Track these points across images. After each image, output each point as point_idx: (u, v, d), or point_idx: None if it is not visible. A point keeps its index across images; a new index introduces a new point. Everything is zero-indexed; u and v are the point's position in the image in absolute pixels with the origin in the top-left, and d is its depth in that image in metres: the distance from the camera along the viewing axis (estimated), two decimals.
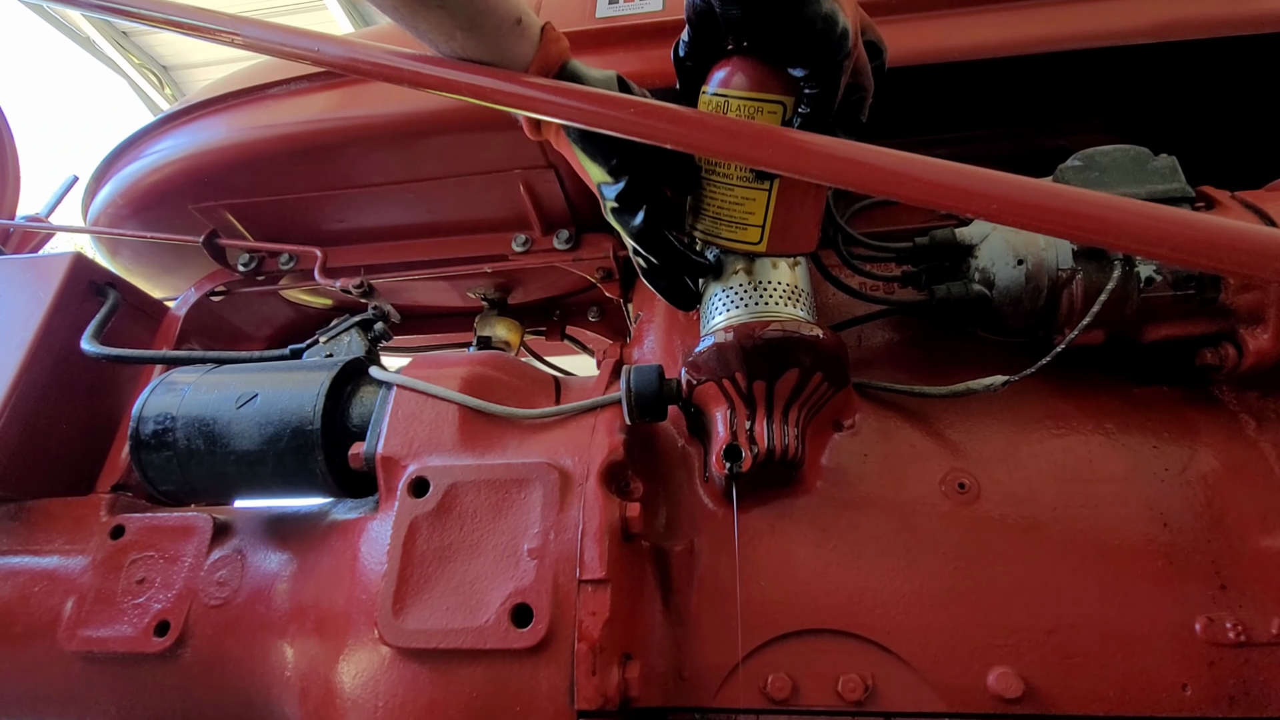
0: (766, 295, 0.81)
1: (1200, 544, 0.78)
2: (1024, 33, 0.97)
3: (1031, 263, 0.85)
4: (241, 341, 1.55)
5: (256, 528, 0.95)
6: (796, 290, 0.82)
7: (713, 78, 0.74)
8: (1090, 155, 0.87)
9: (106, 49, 5.91)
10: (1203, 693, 0.71)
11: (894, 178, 0.58)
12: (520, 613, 0.73)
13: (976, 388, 0.85)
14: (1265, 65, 1.00)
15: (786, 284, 0.82)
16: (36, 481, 1.05)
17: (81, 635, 0.88)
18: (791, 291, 0.82)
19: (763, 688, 0.74)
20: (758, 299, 0.81)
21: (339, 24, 5.47)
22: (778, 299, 0.81)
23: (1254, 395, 0.86)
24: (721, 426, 0.80)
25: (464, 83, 0.69)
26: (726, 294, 0.82)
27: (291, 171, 1.19)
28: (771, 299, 0.81)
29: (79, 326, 1.09)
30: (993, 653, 0.74)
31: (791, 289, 0.82)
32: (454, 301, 1.58)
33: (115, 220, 1.32)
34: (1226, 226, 0.52)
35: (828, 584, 0.79)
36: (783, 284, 0.81)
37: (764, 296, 0.81)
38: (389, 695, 0.73)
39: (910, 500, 0.83)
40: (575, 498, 0.78)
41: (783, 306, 0.80)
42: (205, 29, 0.77)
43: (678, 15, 1.06)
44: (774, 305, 0.80)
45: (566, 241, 1.24)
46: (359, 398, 0.93)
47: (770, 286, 0.81)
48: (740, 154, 0.64)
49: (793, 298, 0.81)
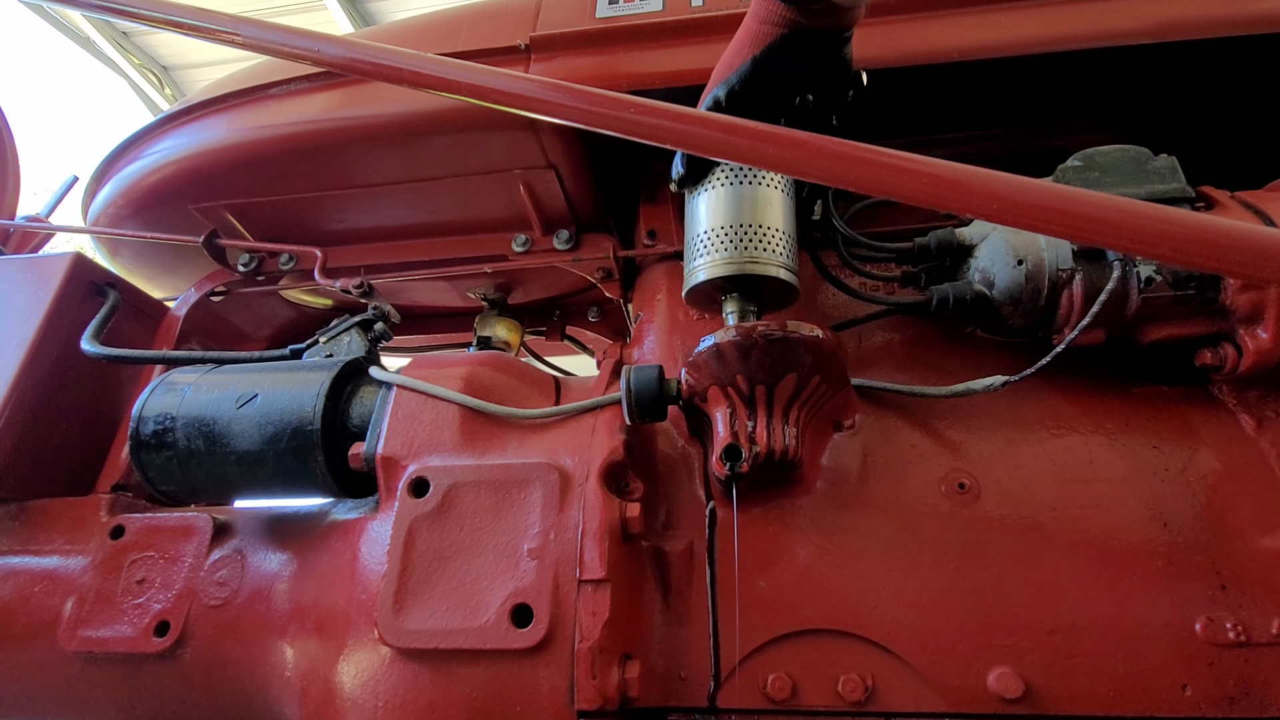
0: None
1: (1200, 544, 0.78)
2: (1024, 33, 0.97)
3: (1031, 263, 0.85)
4: (241, 341, 1.55)
5: (256, 528, 0.95)
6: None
7: None
8: (1090, 155, 0.87)
9: (106, 49, 5.90)
10: (1203, 693, 0.71)
11: (894, 177, 0.58)
12: (520, 613, 0.73)
13: (976, 388, 0.85)
14: (1265, 65, 1.00)
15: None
16: (36, 481, 1.05)
17: (81, 635, 0.88)
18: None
19: (763, 688, 0.74)
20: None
21: (339, 24, 5.47)
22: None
23: (1254, 395, 0.86)
24: (722, 426, 0.80)
25: (464, 83, 0.69)
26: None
27: (291, 171, 1.19)
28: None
29: (79, 326, 1.09)
30: (993, 653, 0.74)
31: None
32: (454, 301, 1.58)
33: (115, 220, 1.32)
34: (1226, 226, 0.52)
35: (828, 584, 0.79)
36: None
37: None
38: (389, 695, 0.73)
39: (910, 500, 0.83)
40: (575, 498, 0.78)
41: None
42: (205, 29, 0.77)
43: (678, 15, 1.06)
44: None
45: (566, 241, 1.24)
46: (359, 398, 0.93)
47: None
48: (741, 153, 0.64)
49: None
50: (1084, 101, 1.11)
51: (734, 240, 0.84)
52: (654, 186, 1.23)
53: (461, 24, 1.17)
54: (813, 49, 0.73)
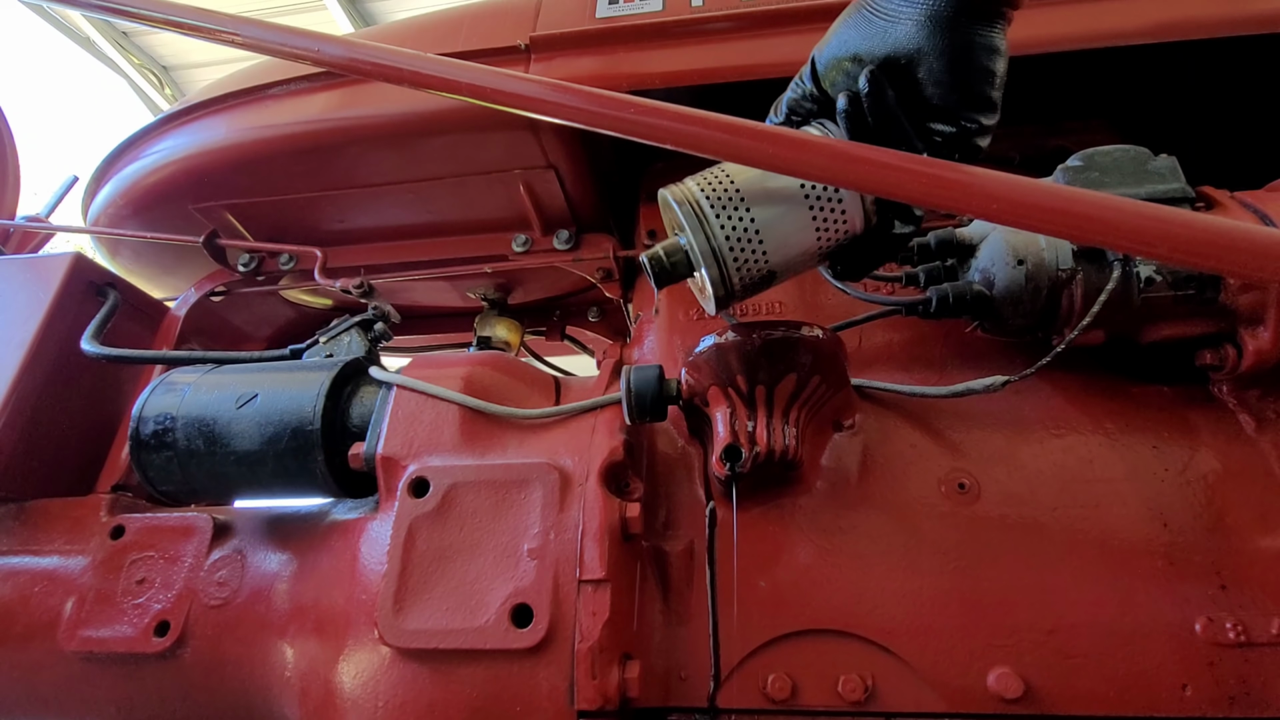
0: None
1: (1200, 544, 0.78)
2: (1024, 33, 0.96)
3: (1031, 263, 0.85)
4: (241, 341, 1.55)
5: (256, 528, 0.95)
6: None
7: None
8: (1090, 155, 0.87)
9: (106, 49, 5.90)
10: (1203, 693, 0.71)
11: (894, 177, 0.58)
12: (520, 613, 0.73)
13: (976, 388, 0.85)
14: (1265, 65, 1.00)
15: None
16: (36, 481, 1.05)
17: (81, 635, 0.88)
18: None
19: (763, 688, 0.74)
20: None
21: (339, 24, 5.47)
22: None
23: (1254, 395, 0.86)
24: (722, 427, 0.80)
25: (464, 83, 0.69)
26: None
27: (291, 172, 1.19)
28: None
29: (79, 326, 1.09)
30: (993, 653, 0.74)
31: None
32: (454, 301, 1.58)
33: (115, 220, 1.32)
34: (1226, 226, 0.52)
35: (828, 584, 0.79)
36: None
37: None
38: (389, 695, 0.73)
39: (910, 500, 0.83)
40: (575, 498, 0.78)
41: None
42: (205, 29, 0.77)
43: (678, 15, 1.06)
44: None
45: (566, 242, 1.24)
46: (359, 398, 0.93)
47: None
48: (741, 153, 0.64)
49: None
50: (1084, 101, 1.11)
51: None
52: (654, 186, 1.23)
53: (461, 24, 1.17)
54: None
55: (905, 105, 0.64)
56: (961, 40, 0.60)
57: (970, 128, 0.64)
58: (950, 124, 0.64)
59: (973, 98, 0.62)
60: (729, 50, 1.04)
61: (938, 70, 0.61)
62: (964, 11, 0.59)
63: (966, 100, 0.63)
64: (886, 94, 0.63)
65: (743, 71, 1.02)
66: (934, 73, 0.62)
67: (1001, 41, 0.61)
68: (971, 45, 0.60)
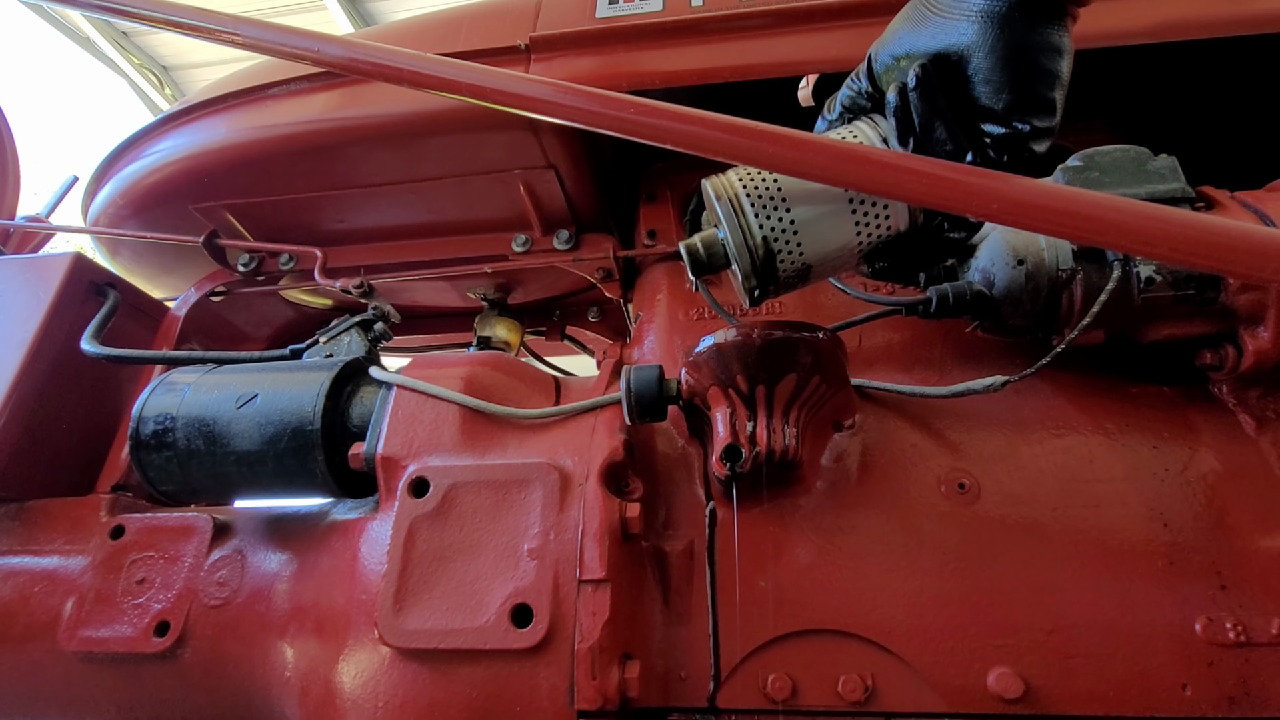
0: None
1: (1200, 544, 0.77)
2: None
3: (1031, 263, 0.85)
4: (241, 341, 1.55)
5: (256, 528, 0.95)
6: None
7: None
8: (1090, 155, 0.87)
9: (106, 49, 5.90)
10: (1203, 693, 0.71)
11: (894, 177, 0.58)
12: (520, 613, 0.73)
13: (976, 388, 0.85)
14: (1265, 65, 1.00)
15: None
16: (36, 481, 1.05)
17: (81, 635, 0.88)
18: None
19: (763, 688, 0.74)
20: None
21: (339, 24, 5.47)
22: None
23: (1254, 395, 0.86)
24: (722, 427, 0.80)
25: (464, 83, 0.69)
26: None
27: (291, 171, 1.19)
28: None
29: (79, 326, 1.09)
30: (993, 653, 0.74)
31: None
32: (454, 301, 1.58)
33: (115, 220, 1.32)
34: (1226, 226, 0.52)
35: (828, 584, 0.79)
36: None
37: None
38: (389, 695, 0.73)
39: (910, 500, 0.83)
40: (575, 498, 0.78)
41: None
42: (205, 29, 0.77)
43: (678, 15, 1.06)
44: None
45: (566, 241, 1.24)
46: (359, 398, 0.93)
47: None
48: (741, 153, 0.64)
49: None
50: (1084, 101, 1.11)
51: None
52: (654, 186, 1.24)
53: (461, 24, 1.17)
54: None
55: (955, 104, 0.61)
56: (1017, 38, 0.58)
57: (1022, 130, 0.61)
58: (1001, 125, 0.61)
59: (1026, 99, 0.60)
60: (729, 50, 1.04)
61: (988, 68, 0.59)
62: (1022, 8, 0.57)
63: (1019, 101, 0.60)
64: (934, 90, 0.61)
65: (742, 71, 1.02)
66: (985, 71, 0.59)
67: (1064, 40, 0.58)
68: (1027, 43, 0.58)
